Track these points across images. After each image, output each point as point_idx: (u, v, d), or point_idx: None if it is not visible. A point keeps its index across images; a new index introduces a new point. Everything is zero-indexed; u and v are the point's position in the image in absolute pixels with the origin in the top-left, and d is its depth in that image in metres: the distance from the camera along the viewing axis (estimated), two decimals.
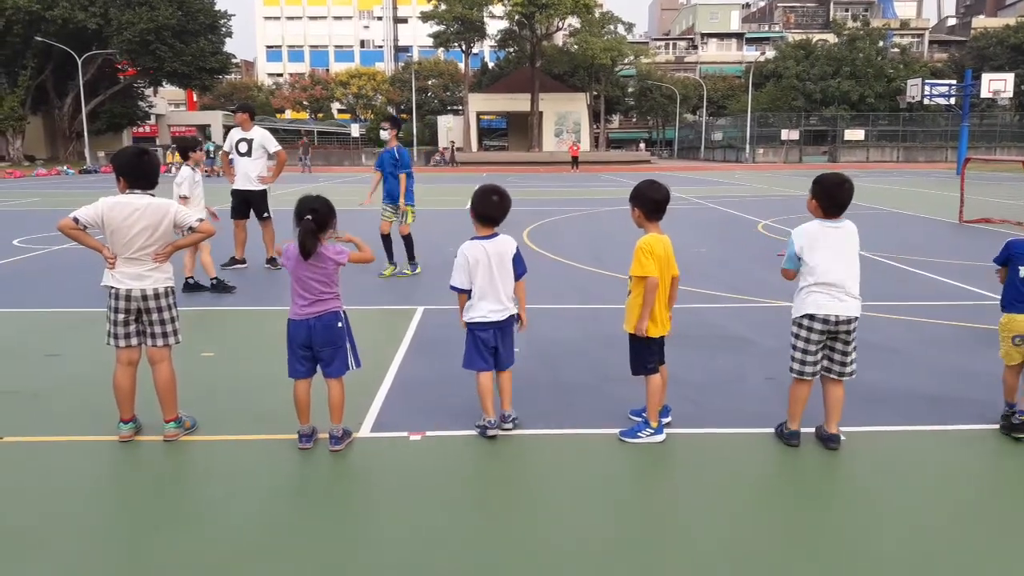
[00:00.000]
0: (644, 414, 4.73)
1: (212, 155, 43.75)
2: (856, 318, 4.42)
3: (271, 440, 4.67)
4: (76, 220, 4.36)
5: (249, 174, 10.45)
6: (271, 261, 10.78)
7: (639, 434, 4.66)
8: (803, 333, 4.46)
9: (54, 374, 6.01)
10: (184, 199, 8.57)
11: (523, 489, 4.10)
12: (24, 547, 3.47)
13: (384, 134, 9.91)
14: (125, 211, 4.39)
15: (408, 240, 10.22)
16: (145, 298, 4.47)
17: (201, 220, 4.60)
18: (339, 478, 4.25)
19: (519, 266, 4.70)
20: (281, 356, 4.56)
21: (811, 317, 4.41)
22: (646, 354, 4.67)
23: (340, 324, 4.50)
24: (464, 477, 4.22)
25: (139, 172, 4.49)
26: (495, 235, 4.68)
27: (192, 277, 9.23)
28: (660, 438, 4.66)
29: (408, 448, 4.58)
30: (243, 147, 10.41)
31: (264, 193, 10.55)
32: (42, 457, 4.47)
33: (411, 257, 10.32)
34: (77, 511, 3.85)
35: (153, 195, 4.50)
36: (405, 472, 4.27)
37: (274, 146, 10.54)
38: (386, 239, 10.08)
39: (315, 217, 4.30)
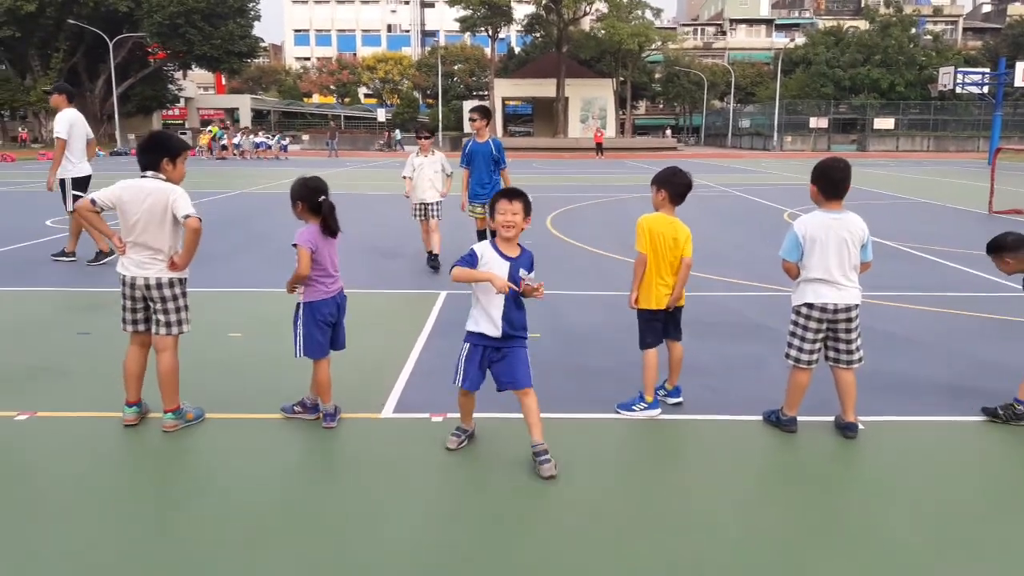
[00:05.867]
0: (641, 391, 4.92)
1: (218, 139, 44.38)
2: (856, 305, 4.47)
3: (291, 419, 4.77)
4: (93, 202, 4.40)
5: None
6: (62, 255, 10.11)
7: (633, 407, 4.86)
8: (801, 321, 4.52)
9: (84, 352, 6.17)
10: (449, 177, 9.70)
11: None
12: (50, 517, 3.60)
13: (473, 125, 9.17)
14: (137, 194, 4.39)
15: None
16: (148, 287, 4.45)
17: (188, 216, 4.37)
18: (363, 456, 4.34)
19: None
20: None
21: (810, 306, 4.47)
22: (644, 329, 4.88)
23: None
24: (485, 457, 4.29)
25: (141, 150, 4.52)
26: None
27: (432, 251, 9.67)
28: (655, 412, 4.84)
29: (430, 428, 4.66)
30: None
31: (62, 183, 9.82)
32: (69, 432, 4.60)
33: None
34: (103, 484, 3.98)
35: (163, 179, 4.46)
36: (427, 451, 4.35)
37: (54, 132, 9.67)
38: (481, 235, 9.22)
39: (328, 196, 4.54)
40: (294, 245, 4.47)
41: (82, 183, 9.89)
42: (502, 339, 4.08)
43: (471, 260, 4.01)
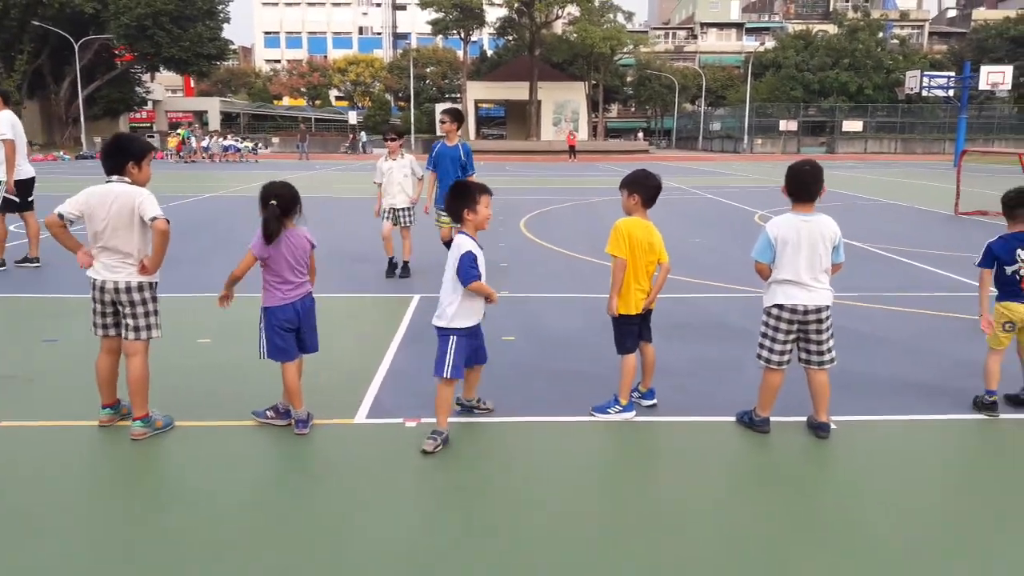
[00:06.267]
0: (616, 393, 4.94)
1: (187, 142, 44.05)
2: (827, 307, 4.50)
3: (263, 425, 4.71)
4: (61, 216, 4.30)
5: None
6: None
7: (608, 410, 4.87)
8: (772, 322, 4.55)
9: (50, 359, 6.05)
10: (420, 180, 9.44)
11: (517, 474, 4.14)
12: (21, 529, 3.51)
13: (443, 127, 9.07)
14: (103, 199, 4.32)
15: None
16: (117, 291, 4.39)
17: (155, 218, 4.31)
18: (336, 462, 4.29)
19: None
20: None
21: (780, 307, 4.50)
22: (623, 334, 4.88)
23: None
24: (459, 462, 4.27)
25: (105, 154, 4.42)
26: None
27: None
28: (630, 415, 4.87)
29: (405, 433, 4.62)
30: None
31: None
32: (37, 441, 4.50)
33: None
34: (73, 494, 3.89)
35: (128, 182, 4.40)
36: (401, 457, 4.31)
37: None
38: (447, 244, 8.49)
39: (279, 203, 4.40)
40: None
41: (26, 185, 9.74)
42: (477, 324, 4.52)
43: (476, 264, 4.29)
